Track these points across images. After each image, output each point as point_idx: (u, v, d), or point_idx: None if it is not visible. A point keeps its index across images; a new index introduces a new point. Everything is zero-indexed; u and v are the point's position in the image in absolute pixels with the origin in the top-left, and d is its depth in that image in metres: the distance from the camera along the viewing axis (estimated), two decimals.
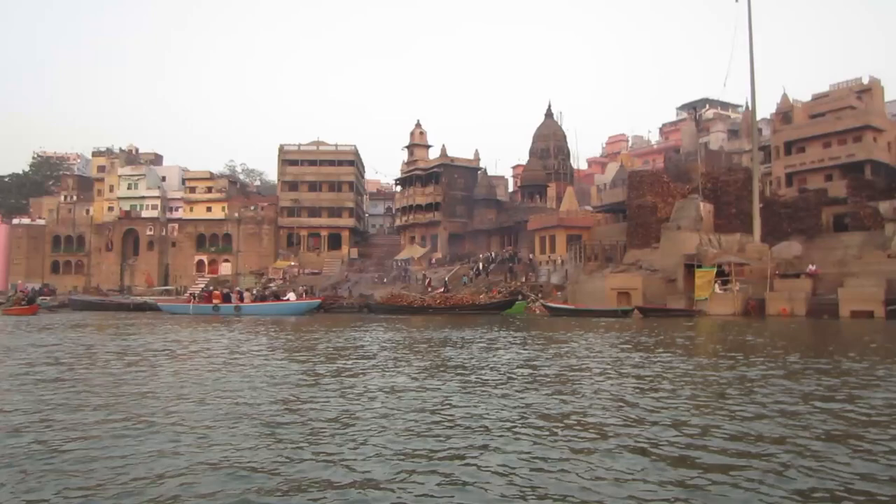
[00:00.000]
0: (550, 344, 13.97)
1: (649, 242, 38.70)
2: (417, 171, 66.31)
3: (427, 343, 14.38)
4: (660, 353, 11.28)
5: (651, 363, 9.55)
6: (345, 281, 59.92)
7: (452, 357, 10.93)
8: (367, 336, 16.93)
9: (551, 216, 49.10)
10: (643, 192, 40.17)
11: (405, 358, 10.78)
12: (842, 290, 26.77)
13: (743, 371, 8.69)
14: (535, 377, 8.40)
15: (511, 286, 41.21)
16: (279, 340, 15.48)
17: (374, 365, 9.80)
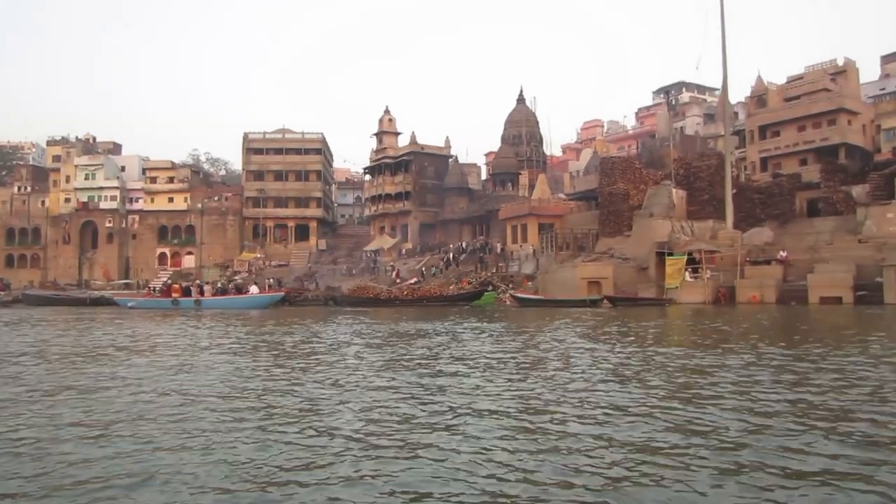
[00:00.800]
0: (512, 336, 13.83)
1: (621, 230, 38.83)
2: (386, 159, 65.92)
3: (385, 336, 14.16)
4: (622, 343, 11.18)
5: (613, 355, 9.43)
6: (313, 273, 59.49)
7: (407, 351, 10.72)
8: (327, 329, 16.67)
9: (523, 204, 49.11)
10: (615, 178, 40.28)
11: (362, 353, 10.54)
12: (811, 277, 27.05)
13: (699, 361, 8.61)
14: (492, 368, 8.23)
15: (481, 277, 41.17)
16: (239, 335, 15.14)
17: (331, 360, 9.55)
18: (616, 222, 39.43)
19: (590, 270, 32.94)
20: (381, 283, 47.43)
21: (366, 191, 70.65)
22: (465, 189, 63.19)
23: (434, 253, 55.75)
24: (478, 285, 39.18)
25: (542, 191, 51.62)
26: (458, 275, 44.28)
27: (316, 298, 41.14)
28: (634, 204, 39.16)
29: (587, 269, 33.13)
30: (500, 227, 52.27)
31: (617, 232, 39.18)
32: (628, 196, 39.61)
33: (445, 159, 65.96)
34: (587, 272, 32.80)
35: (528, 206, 48.11)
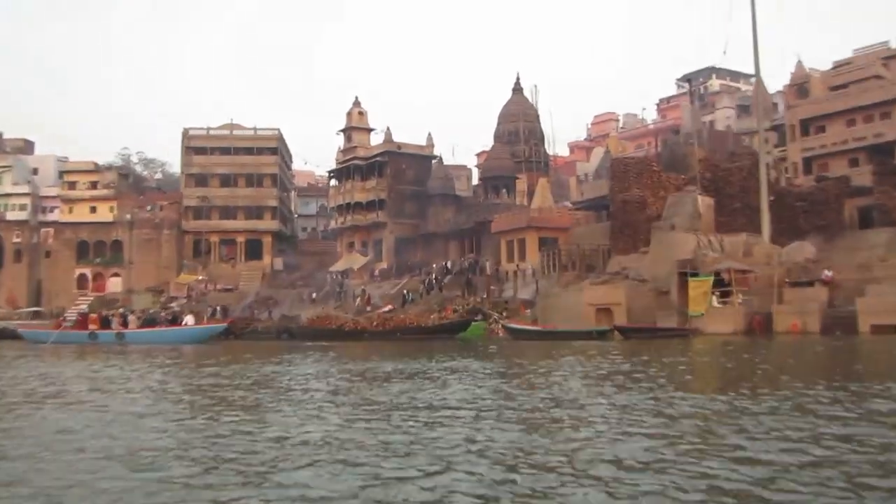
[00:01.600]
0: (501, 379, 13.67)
1: (637, 246, 38.94)
2: (356, 160, 66.16)
3: (349, 379, 13.96)
4: (637, 390, 11.02)
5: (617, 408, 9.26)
6: (266, 299, 59.34)
7: (375, 400, 10.54)
8: (278, 371, 16.45)
9: (520, 215, 49.28)
10: (629, 183, 40.48)
11: (320, 402, 10.34)
12: (861, 301, 27.12)
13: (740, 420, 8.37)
14: (478, 423, 8.06)
15: (469, 303, 41.16)
16: (164, 379, 14.89)
17: (281, 412, 9.34)
18: (630, 236, 39.56)
19: (599, 295, 32.95)
20: (350, 310, 47.31)
21: (331, 199, 70.77)
22: (451, 196, 63.39)
23: (413, 274, 55.71)
24: (465, 313, 39.12)
25: (544, 198, 51.79)
26: (442, 301, 44.25)
27: (268, 330, 40.98)
28: (652, 214, 39.32)
29: (596, 293, 33.14)
30: (492, 243, 52.35)
31: (632, 248, 39.29)
32: (645, 204, 39.78)
33: (427, 161, 66.14)
34: (596, 297, 32.81)
35: (527, 216, 48.29)
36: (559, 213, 49.81)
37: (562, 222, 48.26)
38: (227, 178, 72.74)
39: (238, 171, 72.78)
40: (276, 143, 74.11)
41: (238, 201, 72.63)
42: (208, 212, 72.06)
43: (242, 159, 72.82)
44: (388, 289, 53.78)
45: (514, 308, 40.12)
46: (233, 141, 72.96)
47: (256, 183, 73.00)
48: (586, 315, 32.18)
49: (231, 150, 72.68)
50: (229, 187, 72.53)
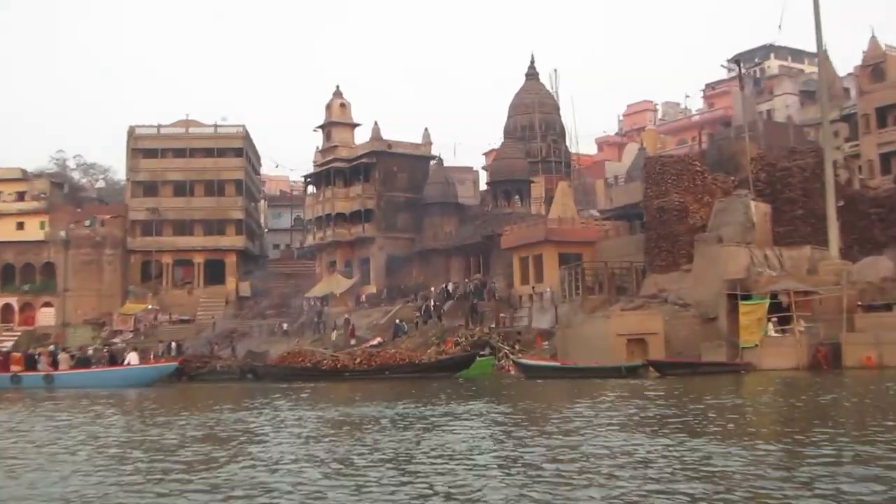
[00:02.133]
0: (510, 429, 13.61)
1: (677, 263, 38.95)
2: (337, 162, 66.63)
3: (321, 430, 13.94)
4: (673, 439, 10.90)
5: (653, 468, 9.11)
6: (230, 332, 59.56)
7: (357, 461, 10.50)
8: (237, 420, 16.41)
9: (535, 226, 49.40)
10: (666, 187, 40.56)
11: (286, 465, 10.25)
12: None
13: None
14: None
15: (474, 334, 41.14)
16: (97, 432, 14.86)
17: (240, 477, 9.27)
18: (669, 251, 39.58)
19: (630, 323, 32.85)
20: (331, 344, 47.35)
21: (308, 209, 71.05)
22: (452, 205, 63.64)
23: (408, 300, 55.76)
24: (469, 347, 39.07)
25: (565, 206, 51.91)
26: (441, 332, 44.27)
27: (229, 370, 41.09)
28: (695, 224, 39.34)
29: (626, 320, 33.04)
30: (503, 261, 52.41)
31: (671, 265, 39.32)
32: (686, 212, 39.81)
33: (424, 162, 66.49)
34: (626, 325, 32.69)
35: (544, 228, 48.35)
36: (583, 224, 49.80)
37: (586, 235, 48.28)
38: (181, 185, 73.03)
39: (195, 178, 73.11)
40: (241, 143, 74.51)
41: (195, 214, 72.91)
42: (159, 227, 72.35)
43: (201, 163, 73.20)
44: (377, 318, 53.84)
45: (529, 340, 40.04)
46: (189, 141, 73.37)
47: (218, 191, 73.33)
48: (615, 348, 32.04)
49: (187, 151, 73.09)
50: (185, 197, 72.85)
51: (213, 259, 72.98)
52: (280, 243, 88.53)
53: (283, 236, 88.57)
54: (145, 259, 72.32)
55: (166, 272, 72.66)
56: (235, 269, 73.24)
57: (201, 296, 71.49)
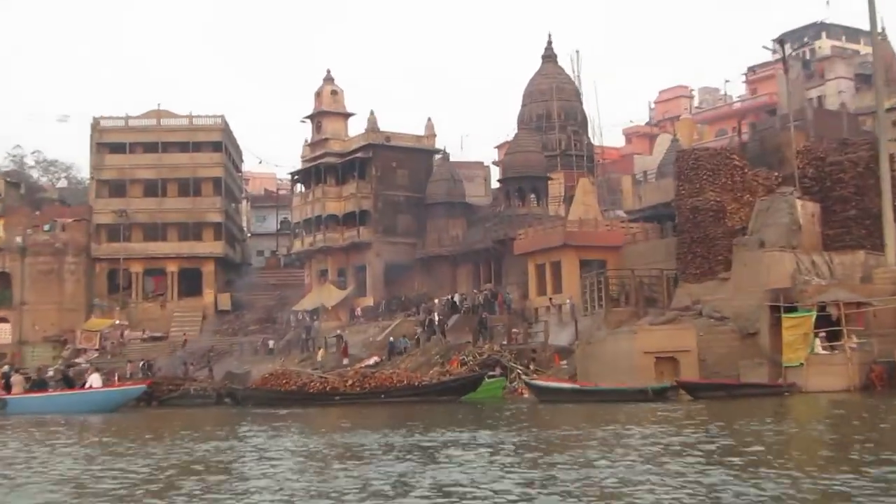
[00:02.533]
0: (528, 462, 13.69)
1: (714, 270, 39.00)
2: (329, 157, 66.85)
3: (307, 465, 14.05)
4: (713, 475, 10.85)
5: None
6: (207, 351, 59.93)
7: None
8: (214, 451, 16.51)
9: (553, 230, 49.47)
10: (701, 184, 40.54)
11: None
12: None
13: None
14: None
15: (483, 352, 41.30)
16: (52, 464, 14.96)
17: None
18: (704, 257, 39.57)
19: (657, 339, 32.87)
20: (320, 364, 47.54)
21: (295, 210, 71.18)
22: (460, 205, 63.77)
23: (408, 313, 55.84)
24: (476, 366, 39.24)
25: (587, 205, 52.08)
26: (446, 350, 44.43)
27: (203, 393, 41.33)
28: (734, 226, 39.36)
29: (654, 336, 33.07)
30: (518, 268, 52.50)
31: (707, 273, 39.33)
32: (723, 213, 39.80)
33: (427, 156, 66.84)
34: (653, 342, 32.72)
35: (562, 231, 48.43)
36: (608, 227, 49.86)
37: (611, 239, 48.32)
38: (152, 184, 73.48)
39: (168, 176, 73.56)
40: (219, 136, 74.94)
41: (168, 216, 73.37)
42: (128, 231, 72.75)
43: (174, 159, 73.73)
44: (373, 334, 54.01)
45: (546, 358, 40.11)
46: (161, 134, 73.81)
47: (193, 191, 73.74)
48: (642, 367, 32.07)
49: (158, 146, 73.55)
50: (156, 197, 73.35)
51: (188, 268, 73.30)
52: (265, 249, 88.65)
53: (268, 241, 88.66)
54: (112, 268, 72.65)
55: (135, 283, 72.98)
56: (214, 279, 73.56)
57: (175, 309, 71.86)
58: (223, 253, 74.49)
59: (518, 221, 54.87)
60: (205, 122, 75.14)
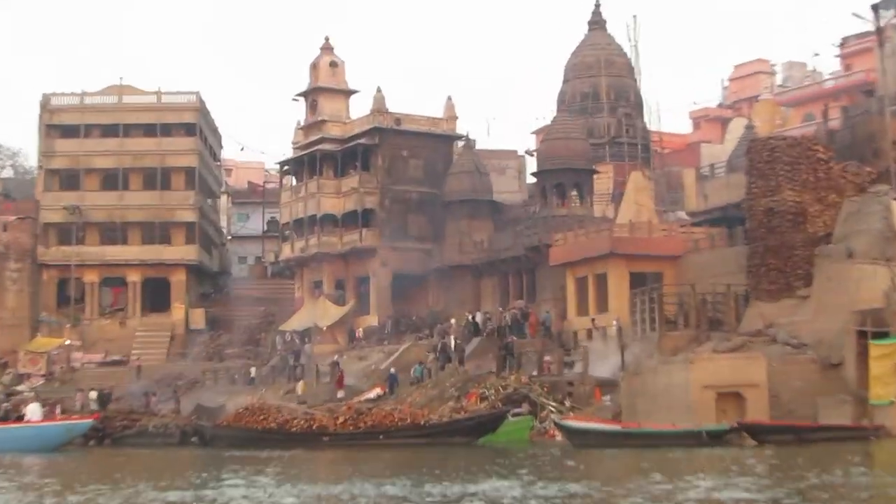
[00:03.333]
0: None
1: (792, 286, 38.85)
2: (326, 143, 67.04)
3: None
4: None
5: None
6: (174, 379, 60.05)
7: None
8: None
9: (598, 234, 49.31)
10: (778, 180, 40.34)
11: None
12: None
13: None
14: None
15: (508, 384, 41.28)
16: None
17: None
18: (780, 270, 39.39)
19: (719, 370, 32.69)
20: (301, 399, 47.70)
21: (284, 208, 71.23)
22: (486, 204, 63.62)
23: (421, 336, 55.89)
24: (500, 401, 39.27)
25: (640, 205, 51.95)
26: (465, 380, 44.36)
27: (164, 431, 41.46)
28: (817, 232, 39.19)
29: (714, 367, 32.89)
30: (555, 282, 52.43)
31: (783, 290, 39.17)
32: (804, 216, 39.60)
33: (445, 144, 67.12)
34: (715, 374, 32.56)
35: (608, 237, 48.26)
36: (664, 231, 49.66)
37: (668, 247, 48.15)
38: (112, 175, 73.76)
39: (131, 165, 73.80)
40: (194, 117, 75.14)
41: (130, 215, 73.56)
42: (81, 232, 72.88)
43: (138, 144, 74.07)
44: (377, 360, 54.02)
45: (585, 393, 39.97)
46: (123, 114, 74.10)
47: (162, 183, 73.91)
48: (701, 404, 31.92)
49: (119, 128, 73.78)
50: (116, 191, 73.52)
51: (154, 277, 73.40)
52: (248, 255, 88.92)
53: (252, 246, 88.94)
54: (62, 276, 72.71)
55: (90, 295, 72.98)
56: (185, 291, 73.50)
57: (138, 328, 71.84)
58: (197, 259, 74.38)
59: (556, 224, 54.69)
60: (176, 101, 75.12)
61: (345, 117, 68.92)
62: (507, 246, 58.63)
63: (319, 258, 66.87)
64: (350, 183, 65.68)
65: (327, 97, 69.20)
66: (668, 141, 75.35)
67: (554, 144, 59.76)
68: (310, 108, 70.15)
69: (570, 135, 59.75)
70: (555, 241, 51.63)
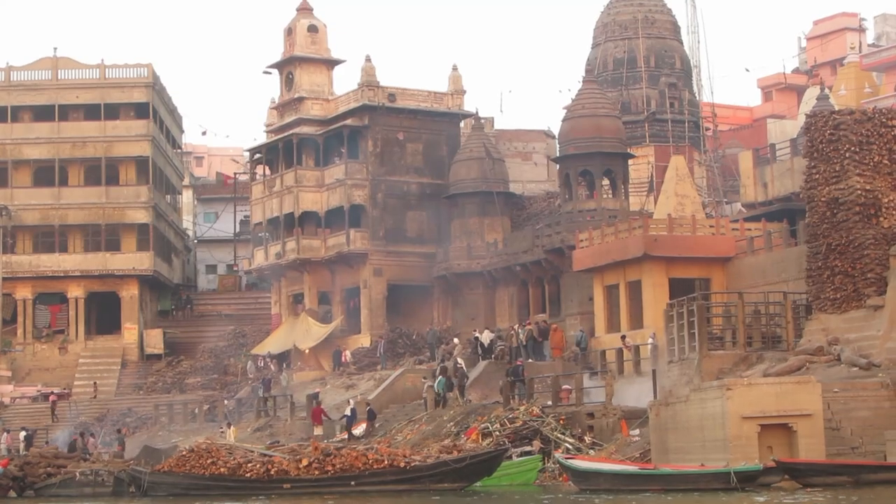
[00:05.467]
0: None
1: (861, 294, 38.77)
2: (305, 125, 67.53)
3: None
4: None
5: None
6: (120, 417, 60.48)
7: None
8: None
9: (629, 234, 49.22)
10: (843, 165, 40.30)
11: None
12: None
13: None
14: None
15: (516, 417, 41.50)
16: None
17: None
18: (847, 274, 39.16)
19: (762, 398, 32.51)
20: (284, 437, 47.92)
21: (255, 205, 71.22)
22: (501, 197, 63.74)
23: (418, 359, 56.11)
24: (506, 438, 39.48)
25: (682, 196, 51.97)
26: (464, 413, 44.60)
27: (94, 479, 41.73)
28: (893, 227, 39.18)
29: (756, 395, 32.73)
30: (582, 292, 52.54)
31: (851, 298, 39.03)
32: (877, 208, 39.50)
33: (450, 123, 67.61)
34: (757, 402, 32.39)
35: (643, 236, 48.18)
36: (711, 228, 49.73)
37: (717, 248, 48.05)
38: (47, 168, 74.37)
39: (70, 155, 74.61)
40: (146, 95, 75.66)
41: (70, 216, 74.18)
42: (10, 238, 73.38)
43: (78, 129, 74.89)
44: (367, 389, 54.18)
45: (609, 425, 40.13)
46: (58, 93, 74.86)
47: (108, 177, 74.59)
48: (741, 439, 31.90)
49: (54, 111, 74.34)
50: (51, 187, 74.15)
51: (100, 292, 74.34)
52: (220, 263, 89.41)
53: (223, 252, 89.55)
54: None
55: (22, 314, 73.61)
56: (138, 307, 74.08)
57: (82, 353, 72.46)
58: (151, 269, 74.84)
59: (581, 221, 54.84)
60: (124, 76, 75.84)
61: (327, 93, 69.19)
62: (524, 245, 58.70)
63: (299, 266, 67.12)
64: (334, 173, 65.94)
65: (306, 69, 69.41)
66: (729, 116, 75.28)
67: (579, 123, 59.16)
68: (285, 82, 70.38)
69: (598, 111, 59.21)
70: (578, 241, 51.73)
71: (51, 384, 69.54)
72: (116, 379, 70.21)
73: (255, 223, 72.29)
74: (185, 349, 72.60)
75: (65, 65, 75.99)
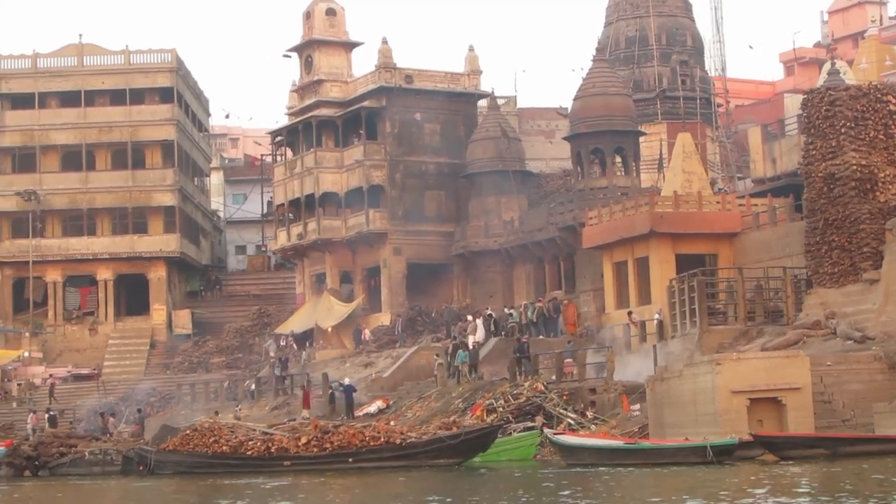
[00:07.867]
0: None
1: (858, 268, 38.72)
2: (324, 107, 67.51)
3: None
4: None
5: None
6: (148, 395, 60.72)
7: None
8: None
9: (637, 210, 49.17)
10: (839, 141, 40.21)
11: None
12: None
13: None
14: None
15: (520, 393, 41.65)
16: None
17: None
18: (843, 248, 39.10)
19: (751, 373, 32.59)
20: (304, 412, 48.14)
21: (278, 187, 71.14)
22: (518, 175, 63.82)
23: (436, 337, 56.44)
24: (510, 414, 39.69)
25: (689, 172, 51.89)
26: (474, 389, 44.73)
27: (103, 458, 42.04)
28: (889, 202, 39.10)
29: (745, 369, 32.85)
30: (594, 269, 52.60)
31: (847, 273, 39.01)
32: (873, 183, 39.42)
33: (467, 104, 67.59)
34: (746, 376, 32.43)
35: (649, 212, 48.16)
36: (718, 204, 49.66)
37: (723, 224, 48.03)
38: (74, 153, 74.90)
39: (97, 140, 74.90)
40: (170, 80, 75.86)
41: (98, 200, 74.57)
42: (40, 223, 73.97)
43: (104, 114, 75.11)
44: (384, 367, 54.30)
45: (610, 400, 40.26)
46: (84, 79, 75.14)
47: (134, 161, 74.99)
48: (731, 412, 31.95)
49: (80, 96, 74.55)
50: (80, 172, 74.56)
51: (128, 274, 74.65)
52: (249, 243, 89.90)
53: (251, 232, 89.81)
54: (18, 276, 73.93)
55: (53, 296, 74.01)
56: (166, 289, 74.50)
57: (111, 335, 72.97)
58: (178, 251, 75.12)
59: (593, 199, 54.88)
60: (148, 61, 76.08)
61: (346, 75, 69.14)
62: (539, 226, 58.83)
63: (320, 246, 67.26)
64: (353, 154, 66.01)
65: (324, 51, 69.33)
66: (751, 91, 74.86)
67: (589, 102, 59.11)
68: (304, 65, 70.31)
69: (609, 89, 59.27)
70: (588, 219, 51.86)
71: (81, 365, 70.12)
72: (145, 359, 70.58)
73: (278, 204, 72.32)
74: (213, 329, 72.74)
75: (90, 51, 76.26)
